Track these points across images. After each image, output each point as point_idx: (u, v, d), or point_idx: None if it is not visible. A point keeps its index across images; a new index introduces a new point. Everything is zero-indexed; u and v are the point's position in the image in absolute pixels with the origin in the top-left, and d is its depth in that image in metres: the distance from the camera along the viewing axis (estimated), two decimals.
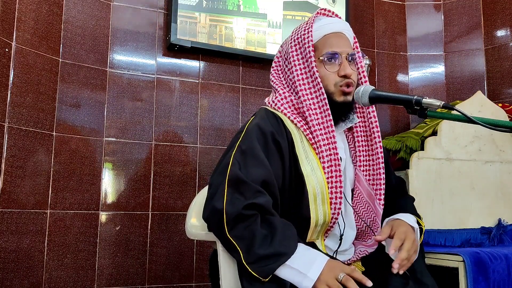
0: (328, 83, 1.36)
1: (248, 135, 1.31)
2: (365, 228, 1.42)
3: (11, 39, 2.10)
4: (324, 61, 1.37)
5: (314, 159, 1.31)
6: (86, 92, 2.34)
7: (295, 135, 1.33)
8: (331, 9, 1.50)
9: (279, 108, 1.38)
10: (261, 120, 1.34)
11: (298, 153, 1.31)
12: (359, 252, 1.39)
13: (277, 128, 1.32)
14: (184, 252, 2.42)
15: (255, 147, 1.27)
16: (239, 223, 1.19)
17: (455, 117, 1.17)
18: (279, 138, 1.30)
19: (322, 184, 1.29)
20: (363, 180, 1.40)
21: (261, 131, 1.30)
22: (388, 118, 3.02)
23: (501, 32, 2.87)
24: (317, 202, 1.29)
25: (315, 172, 1.30)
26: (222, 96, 2.61)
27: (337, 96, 1.37)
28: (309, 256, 1.18)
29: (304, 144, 1.33)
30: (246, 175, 1.23)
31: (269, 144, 1.29)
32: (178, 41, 2.46)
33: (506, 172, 2.32)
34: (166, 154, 2.46)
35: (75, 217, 2.26)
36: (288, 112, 1.36)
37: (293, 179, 1.31)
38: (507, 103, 2.64)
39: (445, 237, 2.12)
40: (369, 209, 1.41)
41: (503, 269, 1.84)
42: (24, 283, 2.08)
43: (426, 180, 2.19)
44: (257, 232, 1.17)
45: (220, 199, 1.21)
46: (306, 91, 1.36)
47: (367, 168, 1.42)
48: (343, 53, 1.37)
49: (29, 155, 2.14)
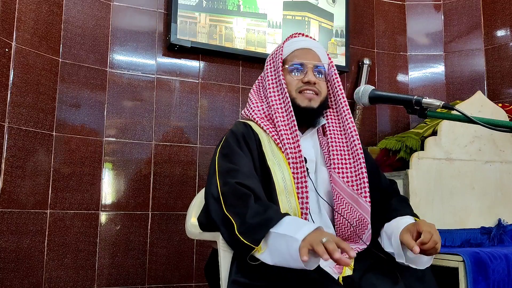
0: (292, 89, 1.52)
1: (225, 142, 1.48)
2: (352, 228, 1.43)
3: (11, 39, 2.10)
4: (289, 70, 1.54)
5: (281, 157, 1.43)
6: (86, 92, 2.34)
7: (263, 137, 1.48)
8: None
9: (250, 114, 1.55)
10: (233, 128, 1.53)
11: (265, 151, 1.45)
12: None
13: (246, 132, 1.49)
14: (184, 252, 2.43)
15: (233, 147, 1.44)
16: (235, 199, 1.29)
17: (455, 117, 1.17)
18: (248, 139, 1.47)
19: (288, 178, 1.39)
20: (340, 182, 1.46)
21: (234, 134, 1.48)
22: (388, 118, 3.02)
23: (501, 32, 2.87)
24: (284, 194, 1.38)
25: (281, 168, 1.41)
26: (222, 96, 2.61)
27: (300, 101, 1.51)
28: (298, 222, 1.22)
29: (271, 144, 1.46)
30: (233, 164, 1.38)
31: (242, 144, 1.45)
32: (178, 41, 2.46)
33: (506, 172, 2.32)
34: (166, 154, 2.46)
35: (75, 217, 2.26)
36: (258, 117, 1.52)
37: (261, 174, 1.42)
38: (507, 103, 2.64)
39: (445, 237, 2.11)
40: (352, 210, 1.44)
41: (503, 269, 1.84)
42: (24, 283, 2.08)
43: (426, 180, 2.19)
44: (250, 207, 1.25)
45: (215, 187, 1.35)
46: (275, 97, 1.53)
47: (344, 171, 1.48)
48: (308, 64, 1.53)
49: (29, 155, 2.14)
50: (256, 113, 1.55)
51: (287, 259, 1.16)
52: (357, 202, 1.43)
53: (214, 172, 1.39)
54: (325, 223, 1.44)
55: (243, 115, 1.61)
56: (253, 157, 1.44)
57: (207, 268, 1.52)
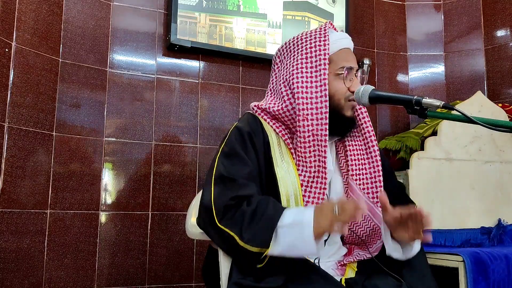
0: (340, 97, 1.37)
1: (229, 138, 1.36)
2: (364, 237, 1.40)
3: (11, 39, 2.10)
4: (339, 73, 1.38)
5: (291, 163, 1.33)
6: (86, 92, 2.34)
7: (272, 137, 1.36)
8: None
9: (262, 111, 1.42)
10: (241, 123, 1.39)
11: (274, 155, 1.34)
12: (357, 255, 1.38)
13: (255, 129, 1.36)
14: (184, 252, 2.42)
15: (236, 148, 1.32)
16: (228, 213, 1.22)
17: (455, 117, 1.17)
18: (255, 138, 1.34)
19: (295, 187, 1.31)
20: (357, 190, 1.40)
21: (239, 132, 1.35)
22: (388, 118, 3.02)
23: (501, 32, 2.87)
24: (289, 204, 1.30)
25: (290, 175, 1.32)
26: (222, 96, 2.61)
27: (346, 111, 1.39)
28: (298, 210, 1.21)
29: (281, 147, 1.35)
30: (231, 172, 1.27)
31: (247, 143, 1.33)
32: (178, 41, 2.46)
33: (506, 172, 2.32)
34: (166, 154, 2.46)
35: (75, 217, 2.26)
36: (274, 113, 1.39)
37: (267, 180, 1.33)
38: (507, 103, 2.64)
39: (445, 237, 2.12)
40: (367, 218, 1.39)
41: (503, 269, 1.84)
42: (24, 283, 2.08)
43: (426, 180, 2.19)
44: (245, 212, 1.20)
45: (209, 196, 1.26)
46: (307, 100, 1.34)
47: (361, 177, 1.42)
48: (354, 69, 1.40)
49: (29, 155, 2.14)
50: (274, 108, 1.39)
51: (298, 246, 1.15)
52: (372, 211, 1.38)
53: (211, 174, 1.31)
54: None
55: (254, 108, 1.46)
56: (259, 161, 1.33)
57: (204, 271, 1.48)
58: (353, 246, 1.42)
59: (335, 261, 1.37)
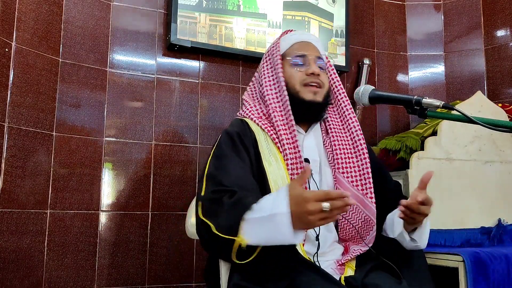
0: (295, 82, 1.46)
1: (219, 143, 1.42)
2: (356, 229, 1.41)
3: (11, 39, 2.10)
4: (291, 63, 1.48)
5: (279, 157, 1.37)
6: (86, 92, 2.34)
7: (259, 135, 1.42)
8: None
9: (247, 115, 1.50)
10: (229, 127, 1.47)
11: (261, 150, 1.39)
12: (353, 251, 1.39)
13: (242, 129, 1.43)
14: (184, 252, 2.42)
15: (226, 150, 1.37)
16: (211, 205, 1.23)
17: (455, 117, 1.17)
18: (244, 137, 1.40)
19: (284, 181, 1.33)
20: (345, 183, 1.42)
21: (229, 135, 1.41)
22: (388, 118, 3.02)
23: (501, 32, 2.87)
24: None
25: (279, 169, 1.35)
26: (222, 96, 2.61)
27: (304, 95, 1.45)
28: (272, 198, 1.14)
29: (268, 143, 1.40)
30: (218, 171, 1.31)
31: (237, 144, 1.39)
32: (178, 41, 2.46)
33: (506, 172, 2.32)
34: (166, 154, 2.46)
35: (75, 217, 2.26)
36: (255, 117, 1.47)
37: (257, 174, 1.36)
38: (507, 103, 2.64)
39: (445, 237, 2.12)
40: (358, 210, 1.41)
41: (503, 269, 1.84)
42: (24, 283, 2.08)
43: None
44: (224, 203, 1.19)
45: (199, 193, 1.30)
46: (272, 95, 1.47)
47: (348, 170, 1.44)
48: (310, 55, 1.48)
49: (29, 155, 2.14)
50: (253, 113, 1.49)
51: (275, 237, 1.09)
52: (362, 203, 1.41)
53: (203, 175, 1.36)
54: (328, 227, 1.41)
55: (239, 116, 1.56)
56: (250, 156, 1.38)
57: (206, 273, 1.48)
58: (348, 243, 1.44)
59: (334, 260, 1.38)
